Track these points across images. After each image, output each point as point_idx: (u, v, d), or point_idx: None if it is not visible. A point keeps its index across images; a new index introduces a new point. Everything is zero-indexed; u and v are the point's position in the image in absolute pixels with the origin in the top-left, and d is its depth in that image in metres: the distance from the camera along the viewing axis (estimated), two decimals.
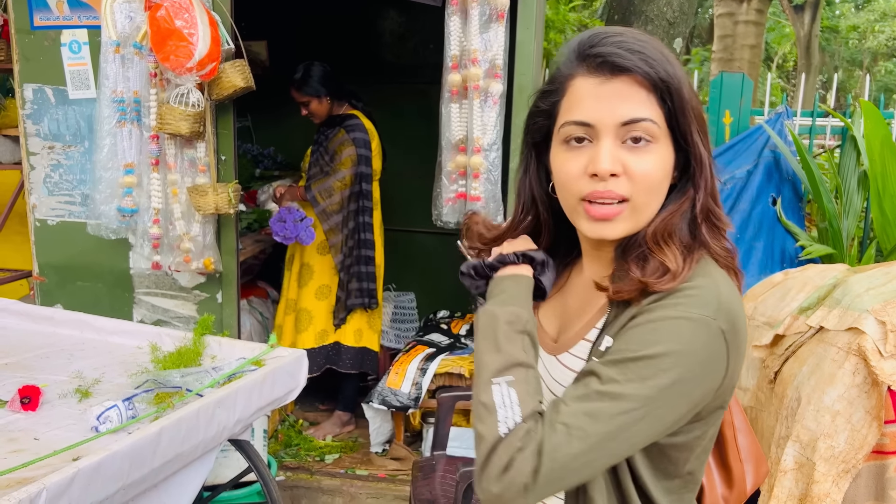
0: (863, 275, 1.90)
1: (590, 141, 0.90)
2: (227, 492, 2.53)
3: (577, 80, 0.91)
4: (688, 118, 0.89)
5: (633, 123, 0.88)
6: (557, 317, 1.06)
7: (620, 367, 0.85)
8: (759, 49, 8.02)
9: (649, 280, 0.88)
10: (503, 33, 2.34)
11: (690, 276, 0.89)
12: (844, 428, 1.63)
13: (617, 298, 0.91)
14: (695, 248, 0.92)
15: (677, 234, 0.92)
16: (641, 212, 0.91)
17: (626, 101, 0.88)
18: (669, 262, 0.88)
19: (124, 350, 2.17)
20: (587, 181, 0.90)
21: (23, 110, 2.78)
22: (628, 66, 0.87)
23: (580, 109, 0.90)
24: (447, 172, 2.45)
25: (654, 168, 0.89)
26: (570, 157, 0.92)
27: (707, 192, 0.93)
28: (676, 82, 0.88)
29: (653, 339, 0.85)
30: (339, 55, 4.27)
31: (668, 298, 0.87)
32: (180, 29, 2.25)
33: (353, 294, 3.27)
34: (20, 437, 1.60)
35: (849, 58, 15.32)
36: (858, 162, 3.11)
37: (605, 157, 0.88)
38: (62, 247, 2.86)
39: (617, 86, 0.88)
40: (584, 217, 0.92)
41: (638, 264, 0.90)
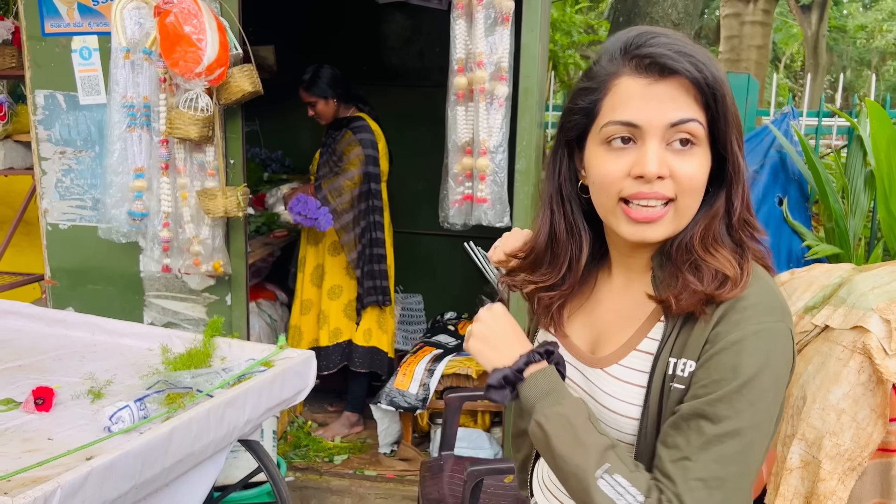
0: (868, 273, 1.90)
1: (634, 142, 0.89)
2: (237, 492, 2.56)
3: (622, 80, 0.89)
4: (729, 125, 0.88)
5: (681, 124, 0.87)
6: (589, 327, 1.04)
7: (727, 401, 0.83)
8: (766, 49, 8.01)
9: (713, 292, 0.87)
10: (508, 36, 2.35)
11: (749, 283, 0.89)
12: (850, 426, 1.64)
13: (681, 312, 0.89)
14: (744, 253, 0.92)
15: (722, 239, 0.92)
16: (683, 214, 0.90)
17: (675, 102, 0.87)
18: (727, 269, 0.88)
19: (135, 352, 2.20)
20: (630, 182, 0.89)
21: (34, 116, 2.82)
22: (678, 69, 0.86)
23: (626, 109, 0.88)
24: (453, 175, 2.47)
25: (698, 171, 0.88)
26: (611, 157, 0.90)
27: (743, 200, 0.92)
28: (722, 88, 0.87)
29: (744, 361, 0.84)
30: (345, 59, 4.29)
31: (737, 312, 0.86)
32: (189, 35, 2.27)
33: (368, 292, 3.30)
34: (34, 438, 1.62)
35: (857, 57, 15.25)
36: (865, 162, 3.11)
37: (651, 158, 0.87)
38: (74, 250, 2.89)
39: (665, 87, 0.87)
40: (624, 219, 0.91)
41: (694, 274, 0.89)
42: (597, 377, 0.98)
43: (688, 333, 0.90)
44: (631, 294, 1.00)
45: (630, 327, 0.97)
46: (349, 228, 3.26)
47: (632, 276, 1.00)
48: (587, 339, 1.03)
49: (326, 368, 3.33)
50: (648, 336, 0.95)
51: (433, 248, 4.17)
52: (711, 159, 0.91)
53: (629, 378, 0.94)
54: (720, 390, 0.84)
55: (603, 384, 0.96)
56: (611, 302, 1.02)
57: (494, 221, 2.45)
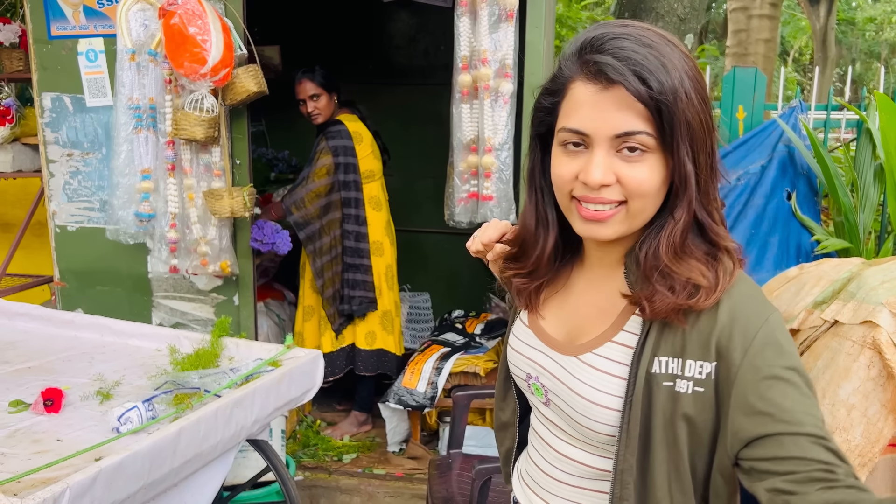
0: (878, 268, 1.89)
1: (585, 147, 0.90)
2: (247, 491, 2.56)
3: (576, 85, 0.90)
4: (678, 133, 0.86)
5: (626, 136, 0.87)
6: (563, 318, 1.05)
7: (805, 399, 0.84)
8: (774, 43, 7.96)
9: (685, 302, 0.88)
10: (513, 33, 2.35)
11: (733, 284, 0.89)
12: (860, 421, 1.63)
13: (654, 318, 0.90)
14: (717, 259, 0.91)
15: (692, 247, 0.92)
16: (636, 216, 0.91)
17: (621, 112, 0.86)
18: (699, 278, 0.88)
19: (144, 353, 2.21)
20: (579, 185, 0.91)
21: (42, 119, 2.83)
22: (619, 81, 0.85)
23: (576, 117, 0.89)
24: (459, 172, 2.46)
25: (647, 178, 0.89)
26: (565, 159, 0.92)
27: (689, 207, 0.90)
28: (670, 97, 0.85)
29: (785, 361, 0.85)
30: (351, 58, 4.30)
31: (742, 324, 0.86)
32: (194, 36, 2.28)
33: (346, 300, 3.29)
34: (44, 439, 1.63)
35: (866, 50, 15.14)
36: (874, 155, 3.08)
37: (596, 168, 0.88)
38: (82, 252, 2.91)
39: (613, 96, 0.86)
40: (576, 216, 0.94)
41: (663, 284, 0.89)
42: (570, 365, 0.99)
43: (677, 334, 0.89)
44: (604, 286, 1.01)
45: (605, 319, 0.99)
46: (315, 238, 3.21)
47: (604, 271, 1.02)
48: (562, 330, 1.04)
49: (332, 374, 3.32)
50: (624, 329, 0.96)
51: (440, 246, 4.17)
52: (671, 165, 0.89)
53: (606, 368, 0.95)
54: (792, 397, 0.83)
55: (578, 372, 0.97)
56: (585, 294, 1.04)
57: (500, 219, 2.44)
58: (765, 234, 3.10)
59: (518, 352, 1.10)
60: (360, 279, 3.28)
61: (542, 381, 1.04)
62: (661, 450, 0.91)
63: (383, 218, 3.37)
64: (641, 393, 0.90)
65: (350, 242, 3.26)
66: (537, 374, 1.05)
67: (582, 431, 0.98)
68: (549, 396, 1.03)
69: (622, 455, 0.92)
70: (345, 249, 3.27)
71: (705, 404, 0.88)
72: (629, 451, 0.92)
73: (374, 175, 3.32)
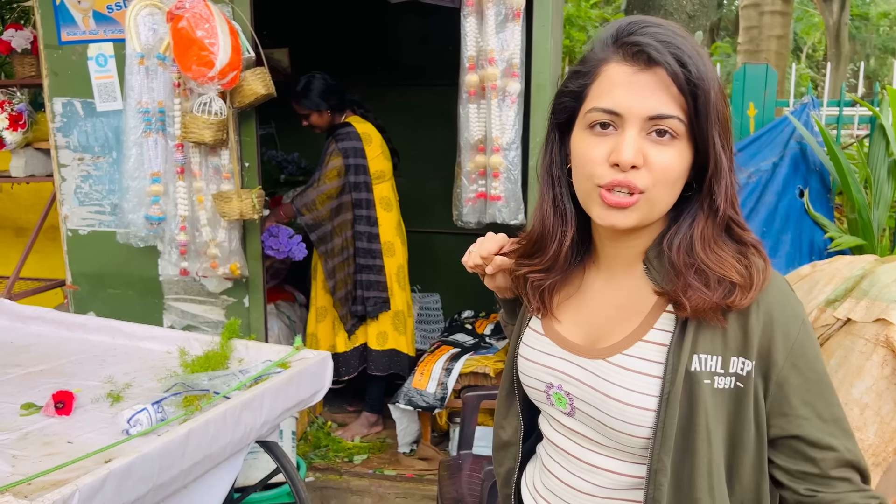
0: (890, 265, 1.86)
1: (615, 129, 0.89)
2: (257, 493, 2.57)
3: (610, 66, 0.90)
4: (711, 121, 0.88)
5: (659, 119, 0.87)
6: (583, 323, 1.02)
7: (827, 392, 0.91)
8: (787, 40, 7.90)
9: (722, 301, 0.88)
10: (519, 32, 2.34)
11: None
12: (873, 420, 1.61)
13: (695, 317, 0.89)
14: (747, 253, 0.92)
15: (723, 240, 0.92)
16: (655, 205, 0.91)
17: (657, 95, 0.87)
18: (732, 276, 0.88)
19: (154, 355, 2.22)
20: (607, 169, 0.89)
21: (53, 123, 2.86)
22: (661, 61, 0.86)
23: (610, 97, 0.89)
24: (467, 172, 2.46)
25: (674, 163, 0.89)
26: (593, 142, 0.91)
27: (726, 198, 0.92)
28: (706, 84, 0.87)
29: (817, 365, 0.90)
30: (359, 60, 4.31)
31: (784, 315, 0.89)
32: (201, 39, 2.29)
33: (359, 301, 3.29)
34: (54, 441, 1.64)
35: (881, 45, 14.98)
36: (888, 151, 3.05)
37: (628, 147, 0.87)
38: (93, 256, 2.93)
39: (649, 77, 0.87)
40: (599, 203, 0.91)
41: (699, 280, 0.89)
42: (599, 368, 0.96)
43: (717, 331, 0.90)
44: (623, 285, 1.00)
45: (631, 318, 0.97)
46: (327, 239, 3.23)
47: (620, 269, 1.00)
48: (581, 334, 1.02)
49: (346, 373, 3.34)
50: (655, 327, 0.94)
51: (450, 246, 4.15)
52: (694, 155, 0.91)
53: (639, 367, 0.92)
54: (815, 405, 0.89)
55: (608, 375, 0.94)
56: (602, 295, 1.02)
57: (509, 219, 2.43)
58: (777, 232, 3.07)
59: (533, 361, 1.06)
60: (374, 280, 3.29)
61: (566, 390, 1.00)
62: (704, 449, 0.89)
63: (394, 218, 3.38)
64: (680, 391, 0.89)
65: (362, 243, 3.27)
66: (560, 382, 1.01)
67: (615, 437, 0.95)
68: (574, 405, 0.99)
69: (657, 455, 0.90)
70: (357, 250, 3.28)
71: (744, 401, 0.89)
72: (664, 452, 0.89)
73: (385, 176, 3.32)
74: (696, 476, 0.89)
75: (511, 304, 1.22)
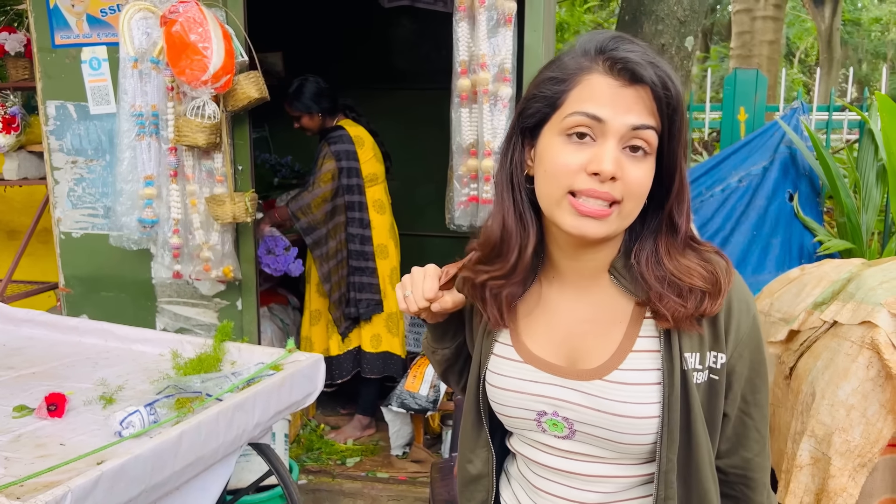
0: (877, 268, 1.89)
1: (592, 139, 0.90)
2: (249, 495, 2.57)
3: (593, 76, 0.90)
4: (679, 141, 0.91)
5: (640, 130, 0.89)
6: (556, 341, 1.01)
7: (764, 383, 0.99)
8: (778, 45, 7.95)
9: (695, 311, 0.92)
10: (511, 37, 2.36)
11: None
12: (859, 422, 1.63)
13: (677, 328, 0.93)
14: (707, 256, 0.96)
15: (684, 250, 0.96)
16: (626, 217, 0.92)
17: (638, 109, 0.89)
18: (701, 283, 0.92)
19: (147, 357, 2.22)
20: (585, 178, 0.89)
21: (46, 126, 2.86)
22: (646, 79, 0.88)
23: (594, 104, 0.89)
24: (459, 176, 2.47)
25: (646, 178, 0.91)
26: (569, 150, 0.91)
27: (687, 215, 0.96)
28: (681, 107, 0.90)
29: (758, 356, 0.97)
30: (352, 63, 4.32)
31: (739, 310, 0.95)
32: (195, 43, 2.30)
33: (352, 303, 3.30)
34: (47, 443, 1.64)
35: (872, 50, 15.08)
36: (877, 155, 3.08)
37: (609, 157, 0.88)
38: (86, 259, 2.93)
39: (632, 93, 0.89)
40: (569, 211, 0.91)
41: (673, 291, 0.93)
42: (597, 389, 0.95)
43: (694, 329, 0.94)
44: (594, 300, 1.00)
45: (612, 330, 0.97)
46: (322, 243, 3.24)
47: (585, 283, 1.00)
48: (560, 355, 1.00)
49: (339, 377, 3.35)
50: (641, 335, 0.95)
51: (442, 249, 4.15)
52: (658, 174, 0.93)
53: (638, 379, 0.93)
54: (755, 390, 0.98)
55: (610, 394, 0.93)
56: (572, 312, 1.01)
57: None
58: (767, 236, 3.10)
59: (514, 391, 1.01)
60: (367, 282, 3.30)
61: (563, 416, 0.97)
62: (704, 440, 0.94)
63: (387, 221, 3.39)
64: (679, 391, 0.92)
65: (355, 245, 3.29)
66: (555, 408, 0.98)
67: (623, 450, 0.96)
68: (574, 428, 0.97)
69: (664, 456, 0.92)
70: (350, 253, 3.29)
71: (718, 391, 0.95)
72: (671, 451, 0.92)
73: (378, 178, 3.34)
74: (702, 466, 0.94)
75: (442, 328, 1.16)
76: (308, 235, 3.20)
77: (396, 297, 1.10)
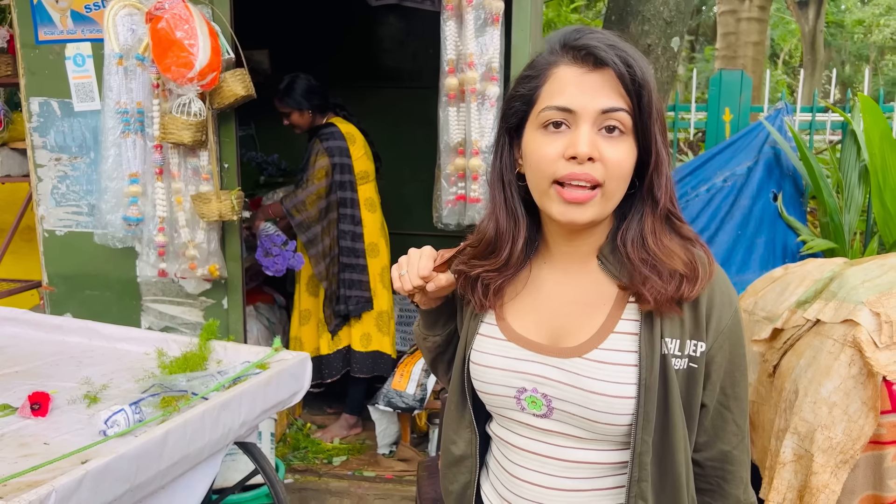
0: (859, 267, 1.91)
1: (567, 126, 0.94)
2: (235, 494, 2.56)
3: (560, 68, 0.95)
4: (653, 118, 0.94)
5: (611, 112, 0.93)
6: (540, 321, 1.04)
7: (743, 376, 1.01)
8: (763, 46, 8.02)
9: (675, 294, 0.94)
10: (499, 36, 2.36)
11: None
12: (842, 419, 1.64)
13: (658, 311, 0.96)
14: (693, 243, 0.99)
15: (669, 232, 0.99)
16: (609, 199, 0.96)
17: (606, 91, 0.93)
18: (680, 267, 0.95)
19: (132, 356, 2.21)
20: (564, 164, 0.94)
21: (30, 123, 2.83)
22: (608, 61, 0.92)
23: (562, 96, 0.94)
24: (446, 175, 2.48)
25: (624, 157, 0.94)
26: (547, 140, 0.95)
27: (666, 191, 0.98)
28: (648, 84, 0.93)
29: (739, 350, 0.99)
30: (340, 62, 4.31)
31: (721, 303, 0.98)
32: (181, 40, 2.29)
33: (342, 300, 3.30)
34: (31, 443, 1.63)
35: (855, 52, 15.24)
36: (859, 156, 3.12)
37: (583, 140, 0.92)
38: (70, 257, 2.90)
39: (598, 77, 0.93)
40: (557, 200, 0.95)
41: (655, 273, 0.95)
42: (576, 367, 0.98)
43: (674, 316, 0.96)
44: (581, 281, 1.03)
45: (595, 312, 1.00)
46: (318, 240, 3.23)
47: (576, 266, 1.04)
48: (543, 334, 1.03)
49: (329, 376, 3.34)
50: (623, 318, 0.99)
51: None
52: (638, 153, 0.96)
53: (617, 360, 0.96)
54: (732, 385, 1.00)
55: (588, 371, 0.96)
56: (559, 292, 1.05)
57: None
58: (751, 235, 3.12)
59: (496, 368, 1.04)
60: (356, 279, 3.30)
61: (542, 392, 1.00)
62: (680, 426, 0.96)
63: (378, 219, 3.40)
64: (657, 375, 0.94)
65: (346, 242, 3.28)
66: (534, 385, 1.00)
67: (599, 430, 0.97)
68: (552, 405, 0.99)
69: (639, 438, 0.94)
70: (341, 249, 3.29)
71: (696, 379, 0.97)
72: (646, 433, 0.94)
73: (369, 176, 3.34)
74: (676, 451, 0.96)
75: (434, 314, 1.19)
76: (303, 233, 3.20)
77: (391, 277, 1.13)
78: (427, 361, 1.30)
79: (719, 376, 0.99)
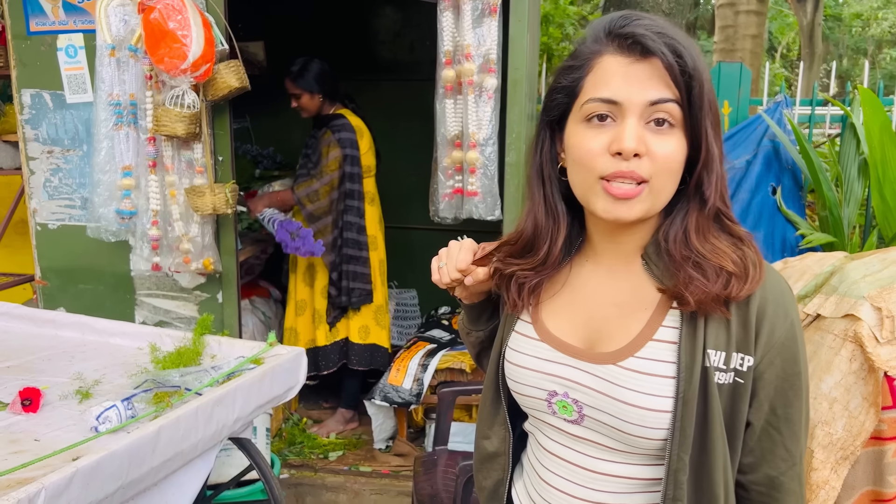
0: (859, 262, 1.89)
1: (613, 120, 0.89)
2: (231, 490, 2.55)
3: (605, 58, 0.90)
4: (704, 111, 0.88)
5: (660, 104, 0.87)
6: (578, 322, 1.00)
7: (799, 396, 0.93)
8: (761, 39, 8.00)
9: (720, 292, 0.87)
10: (496, 28, 2.34)
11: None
12: (842, 415, 1.63)
13: (700, 312, 0.89)
14: (743, 242, 0.92)
15: (716, 231, 0.92)
16: (658, 195, 0.90)
17: (653, 83, 0.87)
18: (728, 265, 0.88)
19: (125, 351, 2.18)
20: (609, 160, 0.88)
21: (21, 115, 2.80)
22: (656, 51, 0.86)
23: (608, 87, 0.88)
24: (443, 168, 2.45)
25: (674, 151, 0.89)
26: (591, 134, 0.90)
27: (716, 188, 0.91)
28: (700, 75, 0.87)
29: (793, 367, 0.91)
30: (336, 54, 4.27)
31: (774, 313, 0.90)
32: (174, 31, 2.25)
33: (344, 292, 3.28)
34: (21, 439, 1.61)
35: (853, 46, 15.24)
36: (858, 150, 3.10)
37: (630, 135, 0.87)
38: (63, 250, 2.88)
39: (645, 67, 0.87)
40: (603, 196, 0.90)
41: (698, 271, 0.89)
42: (610, 374, 0.93)
43: (721, 325, 0.90)
44: (623, 283, 0.98)
45: (635, 316, 0.95)
46: (328, 231, 3.23)
47: (619, 266, 0.98)
48: (580, 336, 0.99)
49: (326, 368, 3.33)
50: (664, 325, 0.93)
51: (427, 242, 4.13)
52: (688, 147, 0.90)
53: (654, 370, 0.90)
54: (785, 406, 0.92)
55: (622, 380, 0.91)
56: (602, 293, 0.99)
57: (485, 215, 2.43)
58: (750, 229, 3.10)
59: (530, 369, 1.00)
60: (360, 271, 3.29)
61: (573, 397, 0.96)
62: (720, 445, 0.89)
63: (377, 213, 3.39)
64: (697, 388, 0.88)
65: (351, 234, 3.27)
66: (566, 389, 0.97)
67: (631, 442, 0.93)
68: (584, 412, 0.95)
69: (675, 455, 0.89)
70: (345, 241, 3.28)
71: (742, 396, 0.90)
72: (683, 450, 0.89)
73: (371, 171, 3.35)
74: (714, 471, 0.89)
75: (477, 309, 1.17)
76: (314, 223, 3.18)
77: (431, 268, 1.10)
78: (472, 356, 1.28)
79: (768, 394, 0.91)
